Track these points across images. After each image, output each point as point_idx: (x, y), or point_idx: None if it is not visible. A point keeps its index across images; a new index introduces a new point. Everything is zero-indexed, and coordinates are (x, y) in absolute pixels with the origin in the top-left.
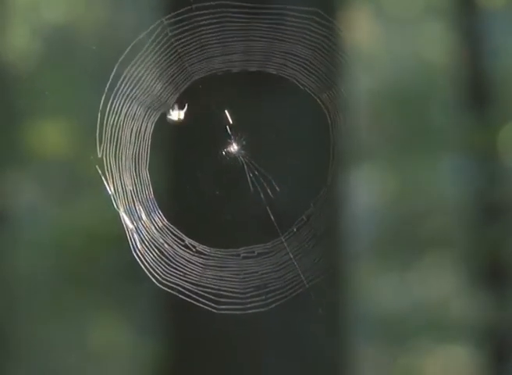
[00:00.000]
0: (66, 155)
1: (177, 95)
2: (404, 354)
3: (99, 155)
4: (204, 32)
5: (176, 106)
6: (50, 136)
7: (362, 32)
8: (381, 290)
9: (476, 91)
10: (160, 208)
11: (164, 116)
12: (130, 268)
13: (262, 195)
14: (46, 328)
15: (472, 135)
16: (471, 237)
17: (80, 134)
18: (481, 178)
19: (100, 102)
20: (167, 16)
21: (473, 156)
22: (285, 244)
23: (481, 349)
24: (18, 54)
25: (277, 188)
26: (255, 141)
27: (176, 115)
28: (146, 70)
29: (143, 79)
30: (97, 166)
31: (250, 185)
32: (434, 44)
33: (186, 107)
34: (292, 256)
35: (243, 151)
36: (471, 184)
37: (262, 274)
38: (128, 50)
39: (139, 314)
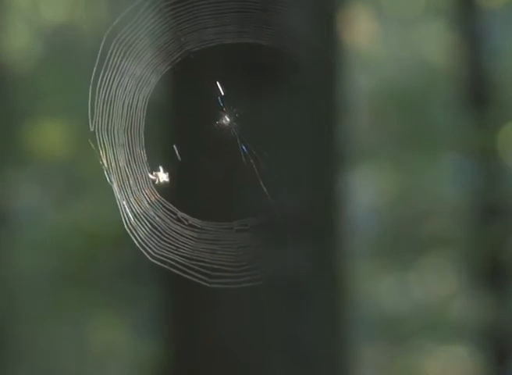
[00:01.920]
0: (66, 156)
1: (168, 63)
2: (404, 354)
3: (91, 129)
4: (197, 3)
5: (160, 169)
6: (50, 136)
7: (362, 32)
8: (381, 290)
9: (476, 91)
10: (152, 182)
11: (156, 88)
12: (130, 268)
13: (255, 167)
14: (46, 328)
15: (472, 135)
16: (471, 237)
17: (79, 135)
18: (481, 178)
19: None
20: None
21: (473, 156)
22: (279, 216)
23: (481, 349)
24: (18, 54)
25: (269, 160)
26: (248, 113)
27: (160, 177)
28: (136, 39)
29: (133, 47)
30: (89, 140)
31: (243, 157)
32: (434, 44)
33: (166, 174)
34: (285, 229)
35: (235, 123)
36: (471, 184)
37: (256, 247)
38: (117, 21)
39: (139, 314)
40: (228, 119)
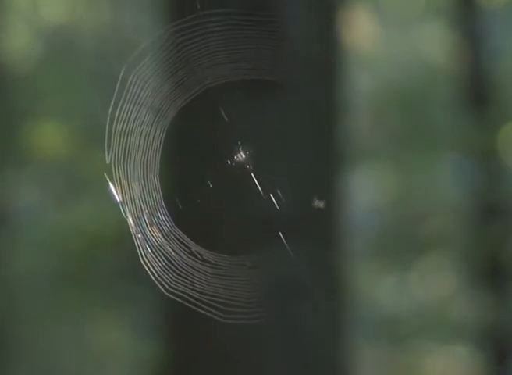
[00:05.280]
0: (66, 156)
1: (185, 98)
2: (404, 354)
3: (107, 162)
4: (212, 39)
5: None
6: (50, 136)
7: (362, 32)
8: (381, 290)
9: (476, 91)
10: (168, 215)
11: (173, 121)
12: (130, 269)
13: (268, 204)
14: (46, 328)
15: (472, 135)
16: (471, 237)
17: (80, 135)
18: (481, 178)
19: (99, 103)
20: (175, 23)
21: (473, 156)
22: (291, 254)
23: (481, 349)
24: (18, 54)
25: (283, 198)
26: (263, 148)
27: (319, 204)
28: (154, 73)
29: (150, 81)
30: (105, 174)
31: (260, 192)
32: (434, 44)
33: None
34: (299, 266)
35: (250, 159)
36: (471, 184)
37: (268, 283)
38: (135, 55)
39: (139, 315)
40: (243, 155)
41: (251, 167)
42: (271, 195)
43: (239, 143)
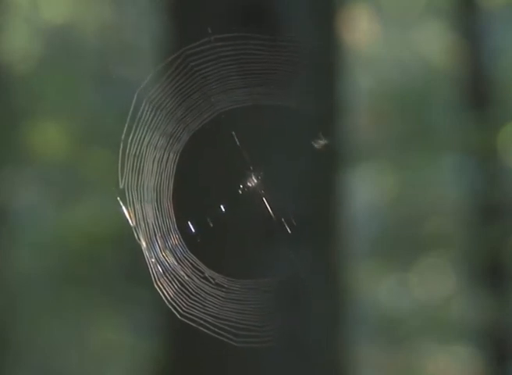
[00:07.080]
0: (66, 156)
1: (198, 122)
2: (404, 354)
3: (121, 187)
4: (224, 63)
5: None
6: (50, 136)
7: (362, 32)
8: (381, 290)
9: (476, 91)
10: (181, 239)
11: (187, 146)
12: (130, 269)
13: (279, 228)
14: (46, 328)
15: (472, 135)
16: (471, 237)
17: (80, 135)
18: (481, 178)
19: (99, 103)
20: (188, 47)
21: (473, 156)
22: (304, 279)
23: (482, 349)
24: (18, 54)
25: (294, 223)
26: (274, 173)
27: (321, 143)
28: (167, 98)
29: (163, 105)
30: (118, 198)
31: (271, 216)
32: (434, 44)
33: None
34: (311, 292)
35: (262, 184)
36: (471, 184)
37: (280, 308)
38: (149, 79)
39: (139, 314)
40: (255, 181)
41: (263, 192)
42: (283, 220)
43: (251, 168)
